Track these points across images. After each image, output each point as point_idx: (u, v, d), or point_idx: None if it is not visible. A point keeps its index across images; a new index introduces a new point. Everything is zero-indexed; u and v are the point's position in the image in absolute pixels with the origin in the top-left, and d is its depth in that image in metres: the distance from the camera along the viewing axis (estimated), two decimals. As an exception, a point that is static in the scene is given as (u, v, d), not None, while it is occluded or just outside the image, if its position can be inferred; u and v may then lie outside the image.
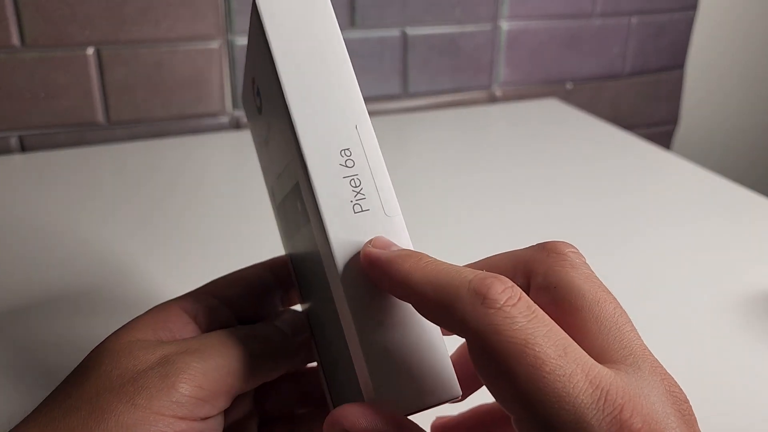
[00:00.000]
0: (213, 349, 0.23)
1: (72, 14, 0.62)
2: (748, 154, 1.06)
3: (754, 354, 0.38)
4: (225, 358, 0.23)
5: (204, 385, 0.22)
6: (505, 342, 0.17)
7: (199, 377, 0.22)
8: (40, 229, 0.50)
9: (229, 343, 0.24)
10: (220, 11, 0.66)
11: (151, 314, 0.25)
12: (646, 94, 0.90)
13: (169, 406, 0.22)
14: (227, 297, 0.27)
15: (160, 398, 0.22)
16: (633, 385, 0.18)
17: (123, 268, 0.45)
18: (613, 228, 0.52)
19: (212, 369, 0.23)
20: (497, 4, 0.77)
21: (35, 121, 0.64)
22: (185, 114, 0.69)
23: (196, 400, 0.22)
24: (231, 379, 0.23)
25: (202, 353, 0.23)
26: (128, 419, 0.21)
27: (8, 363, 0.36)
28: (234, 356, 0.24)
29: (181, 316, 0.26)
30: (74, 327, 0.39)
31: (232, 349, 0.24)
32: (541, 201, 0.56)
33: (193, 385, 0.22)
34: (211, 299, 0.26)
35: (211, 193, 0.57)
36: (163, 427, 0.21)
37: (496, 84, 0.81)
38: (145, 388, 0.22)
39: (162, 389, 0.22)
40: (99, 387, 0.22)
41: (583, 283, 0.20)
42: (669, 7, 0.86)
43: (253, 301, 0.28)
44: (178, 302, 0.26)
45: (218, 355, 0.23)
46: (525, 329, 0.17)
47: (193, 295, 0.26)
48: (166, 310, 0.26)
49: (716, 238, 0.50)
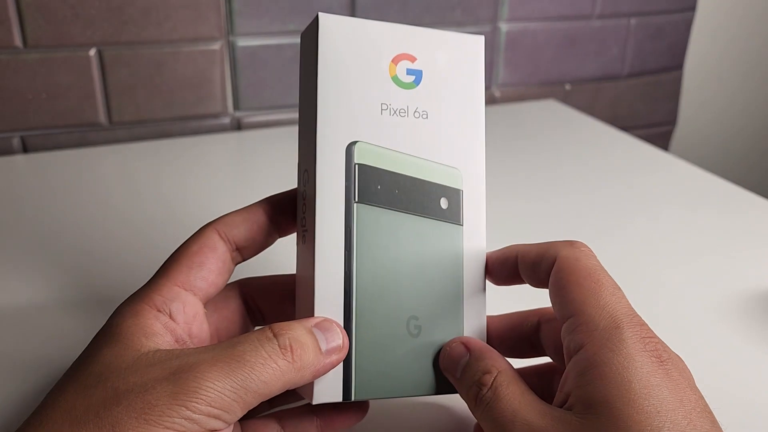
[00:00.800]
0: (224, 364, 0.23)
1: (74, 15, 0.62)
2: (746, 154, 1.06)
3: (753, 354, 0.38)
4: (236, 374, 0.23)
5: (215, 404, 0.22)
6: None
7: (211, 395, 0.22)
8: (41, 229, 0.51)
9: (243, 357, 0.24)
10: (222, 13, 0.67)
11: (149, 301, 0.26)
12: (645, 95, 0.90)
13: (181, 423, 0.22)
14: (228, 235, 0.28)
15: (171, 415, 0.22)
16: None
17: (125, 268, 0.46)
18: (612, 228, 0.52)
19: (226, 388, 0.23)
20: (497, 6, 0.77)
21: (37, 122, 0.65)
22: (187, 115, 0.69)
23: (207, 417, 0.22)
24: (244, 395, 0.23)
25: (214, 368, 0.23)
26: None
27: (9, 363, 0.36)
28: (248, 374, 0.23)
29: (181, 294, 0.26)
30: (75, 327, 0.39)
31: (245, 368, 0.23)
32: (539, 201, 0.56)
33: (205, 404, 0.22)
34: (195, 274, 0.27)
35: (213, 194, 0.57)
36: None
37: (495, 85, 0.81)
38: (155, 405, 0.22)
39: (172, 407, 0.22)
40: (106, 401, 0.22)
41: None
42: (667, 8, 0.86)
43: (252, 236, 0.29)
44: (168, 283, 0.27)
45: (230, 371, 0.23)
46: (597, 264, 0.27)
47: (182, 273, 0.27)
48: (162, 294, 0.26)
49: (714, 238, 0.51)
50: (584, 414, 0.22)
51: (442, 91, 0.29)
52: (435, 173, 0.29)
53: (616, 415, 0.22)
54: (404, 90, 0.29)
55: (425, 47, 0.29)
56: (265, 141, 0.69)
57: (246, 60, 0.69)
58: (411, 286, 0.28)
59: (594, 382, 0.23)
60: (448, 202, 0.29)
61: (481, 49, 0.30)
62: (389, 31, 0.29)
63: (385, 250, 0.28)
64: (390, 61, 0.28)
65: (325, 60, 0.27)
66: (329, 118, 0.27)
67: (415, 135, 0.29)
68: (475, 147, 0.30)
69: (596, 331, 0.24)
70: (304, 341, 0.25)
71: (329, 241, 0.27)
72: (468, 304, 0.29)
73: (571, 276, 0.26)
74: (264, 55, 0.69)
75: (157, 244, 0.48)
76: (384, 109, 0.28)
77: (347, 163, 0.27)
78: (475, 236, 0.29)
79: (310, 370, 0.25)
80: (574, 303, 0.25)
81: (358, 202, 0.27)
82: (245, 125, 0.72)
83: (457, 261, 0.29)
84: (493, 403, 0.25)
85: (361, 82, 0.28)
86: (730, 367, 0.37)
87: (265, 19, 0.68)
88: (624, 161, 0.65)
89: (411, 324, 0.28)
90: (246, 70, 0.69)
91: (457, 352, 0.27)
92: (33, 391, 0.34)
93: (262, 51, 0.69)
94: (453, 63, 0.29)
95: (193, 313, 0.27)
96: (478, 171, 0.30)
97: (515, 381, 0.25)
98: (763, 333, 0.40)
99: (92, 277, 0.44)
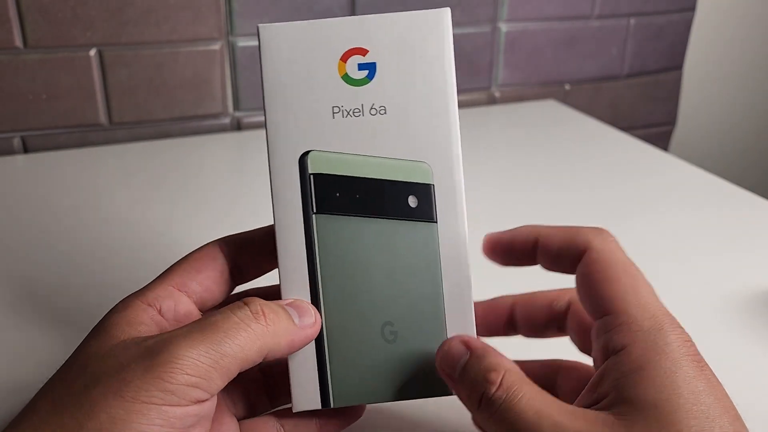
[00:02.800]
0: (197, 333, 0.23)
1: (74, 16, 0.62)
2: (745, 155, 1.06)
3: (754, 354, 0.38)
4: (209, 340, 0.23)
5: (191, 371, 0.22)
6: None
7: (186, 362, 0.22)
8: (42, 229, 0.51)
9: (215, 325, 0.24)
10: (222, 13, 0.67)
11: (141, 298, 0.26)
12: (644, 95, 0.90)
13: (159, 396, 0.22)
14: (230, 251, 0.28)
15: (148, 389, 0.22)
16: None
17: (125, 268, 0.46)
18: (611, 228, 0.52)
19: (201, 354, 0.23)
20: (496, 6, 0.77)
21: (37, 122, 0.65)
22: (187, 115, 0.69)
23: (186, 387, 0.22)
24: (220, 359, 0.23)
25: (186, 339, 0.23)
26: (119, 412, 0.21)
27: (9, 362, 0.36)
28: (222, 338, 0.23)
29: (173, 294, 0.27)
30: (76, 328, 0.39)
31: (218, 333, 0.24)
32: (539, 202, 0.56)
33: (181, 373, 0.22)
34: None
35: (213, 194, 0.57)
36: (156, 415, 0.22)
37: (495, 85, 0.81)
38: (130, 381, 0.22)
39: (147, 380, 0.22)
40: (85, 384, 0.23)
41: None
42: (667, 8, 0.86)
43: (252, 258, 0.29)
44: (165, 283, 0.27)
45: (203, 338, 0.23)
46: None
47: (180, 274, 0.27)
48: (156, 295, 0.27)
49: (714, 238, 0.51)
50: (628, 416, 0.22)
51: (402, 80, 0.27)
52: (399, 171, 0.28)
53: (665, 418, 0.22)
54: (357, 87, 0.27)
55: (377, 36, 0.27)
56: (265, 141, 0.69)
57: (246, 60, 0.69)
58: (383, 292, 0.27)
59: (641, 384, 0.22)
60: (417, 200, 0.28)
61: (446, 23, 0.28)
62: (336, 28, 0.27)
63: (351, 258, 0.27)
64: (338, 59, 0.27)
65: (268, 72, 0.27)
66: (279, 130, 0.27)
67: (374, 133, 0.27)
68: (446, 136, 0.28)
69: (640, 332, 0.24)
70: (275, 309, 0.25)
71: (291, 256, 0.27)
72: (450, 305, 0.28)
73: (608, 271, 0.25)
74: (264, 55, 0.69)
75: (157, 244, 0.49)
76: (336, 112, 0.27)
77: (301, 174, 0.27)
78: (452, 232, 0.28)
79: (285, 338, 0.25)
80: (614, 301, 0.25)
81: (317, 213, 0.27)
82: (245, 125, 0.72)
83: (433, 261, 0.28)
84: (509, 404, 0.23)
85: (309, 88, 0.27)
86: (730, 367, 0.37)
87: (265, 19, 0.68)
88: (623, 161, 0.65)
89: (386, 330, 0.27)
90: (246, 71, 0.70)
91: (456, 351, 0.26)
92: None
93: (262, 51, 0.69)
94: (412, 47, 0.27)
95: (185, 313, 0.27)
96: (451, 162, 0.28)
97: (528, 381, 0.24)
98: (763, 333, 0.40)
99: (92, 277, 0.44)
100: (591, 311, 0.26)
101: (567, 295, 0.30)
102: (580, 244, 0.27)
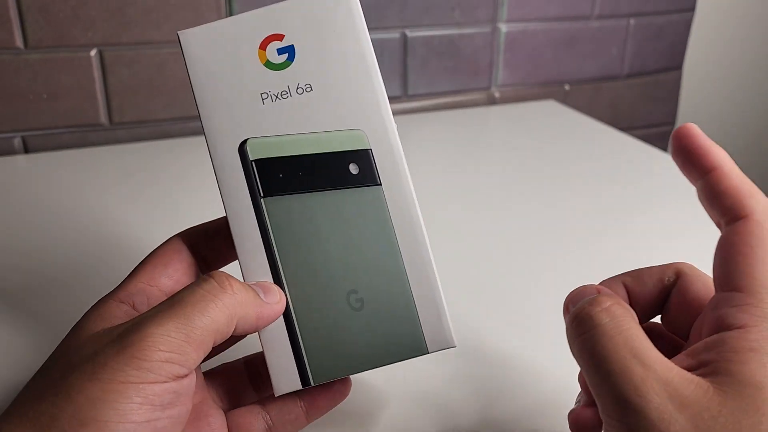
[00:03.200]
0: (166, 310, 0.24)
1: (75, 16, 0.62)
2: (744, 155, 1.06)
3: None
4: (178, 314, 0.24)
5: (164, 347, 0.23)
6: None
7: (157, 339, 0.23)
8: (42, 229, 0.51)
9: (183, 300, 0.24)
10: (222, 13, 0.67)
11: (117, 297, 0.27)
12: (644, 95, 0.90)
13: (135, 374, 0.22)
14: (193, 242, 0.29)
15: (123, 369, 0.22)
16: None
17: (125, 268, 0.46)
18: (611, 228, 0.52)
19: (171, 330, 0.23)
20: (496, 7, 0.77)
21: (38, 122, 0.65)
22: (187, 115, 0.70)
23: (161, 363, 0.22)
24: (191, 332, 0.23)
25: (156, 317, 0.23)
26: (96, 393, 0.22)
27: (9, 362, 0.36)
28: (190, 312, 0.24)
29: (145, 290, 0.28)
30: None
31: (187, 307, 0.24)
32: (539, 202, 0.56)
33: (153, 349, 0.22)
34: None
35: (213, 194, 0.57)
36: (134, 393, 0.22)
37: (494, 86, 0.82)
38: (105, 364, 0.22)
39: (122, 361, 0.22)
40: (63, 374, 0.23)
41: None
42: (667, 8, 0.86)
43: (216, 246, 0.29)
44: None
45: (171, 314, 0.24)
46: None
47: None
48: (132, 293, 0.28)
49: (713, 239, 0.51)
50: (727, 388, 0.22)
51: (321, 57, 0.28)
52: (336, 142, 0.28)
53: (764, 401, 0.22)
54: (280, 71, 0.28)
55: (290, 20, 0.28)
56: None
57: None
58: (342, 262, 0.28)
59: (750, 364, 0.22)
60: (358, 166, 0.28)
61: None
62: (249, 20, 0.28)
63: (305, 234, 0.28)
64: (257, 48, 0.28)
65: (195, 73, 0.28)
66: (214, 124, 0.28)
67: (304, 112, 0.28)
68: (374, 101, 0.29)
69: (764, 318, 0.24)
70: (241, 283, 0.26)
71: (247, 241, 0.28)
72: (410, 263, 0.28)
73: (758, 249, 0.25)
74: (264, 55, 0.70)
75: (157, 244, 0.49)
76: (265, 98, 0.28)
77: (243, 163, 0.28)
78: (398, 192, 0.28)
79: (253, 309, 0.26)
80: (749, 277, 0.25)
81: (264, 197, 0.28)
82: (245, 125, 0.72)
83: (385, 222, 0.28)
84: (608, 332, 0.23)
85: (235, 81, 0.28)
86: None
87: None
88: (623, 161, 0.65)
89: (351, 299, 0.28)
90: (246, 71, 0.70)
91: (589, 290, 0.26)
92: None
93: (263, 51, 0.69)
94: (324, 23, 0.29)
95: None
96: (384, 124, 0.29)
97: (637, 324, 0.24)
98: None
99: (92, 276, 0.44)
100: (721, 280, 0.26)
101: (673, 269, 0.30)
102: (745, 206, 0.27)
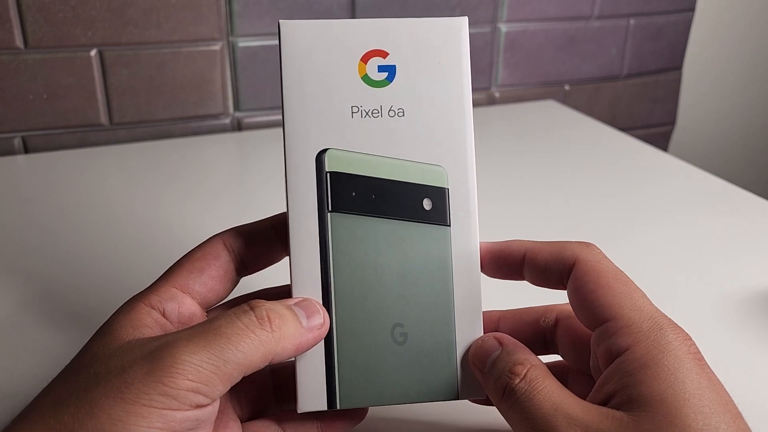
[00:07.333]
0: (200, 338, 0.23)
1: (75, 16, 0.62)
2: (744, 155, 1.06)
3: (753, 354, 0.38)
4: (213, 346, 0.23)
5: (193, 377, 0.22)
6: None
7: (187, 368, 0.22)
8: (42, 229, 0.51)
9: (219, 330, 0.24)
10: (222, 14, 0.67)
11: (144, 300, 0.26)
12: (644, 95, 0.91)
13: (160, 400, 0.22)
14: (234, 246, 0.28)
15: (148, 392, 0.22)
16: None
17: (125, 268, 0.46)
18: (611, 228, 0.52)
19: (203, 360, 0.23)
20: (496, 7, 0.77)
21: (38, 123, 0.65)
22: (187, 115, 0.70)
23: (186, 392, 0.22)
24: (223, 366, 0.23)
25: (190, 343, 0.23)
26: (119, 413, 0.22)
27: (11, 362, 0.36)
28: (225, 344, 0.23)
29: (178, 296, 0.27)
30: (78, 328, 0.39)
31: (221, 339, 0.23)
32: (539, 202, 0.57)
33: (182, 378, 0.22)
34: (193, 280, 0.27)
35: (213, 194, 0.57)
36: (156, 419, 0.22)
37: (494, 86, 0.82)
38: (131, 384, 0.22)
39: (148, 384, 0.22)
40: (87, 385, 0.23)
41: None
42: (666, 9, 0.86)
43: (257, 250, 0.29)
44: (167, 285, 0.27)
45: (206, 343, 0.23)
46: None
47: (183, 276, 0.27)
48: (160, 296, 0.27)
49: (713, 238, 0.51)
50: (637, 412, 0.23)
51: (420, 84, 0.28)
52: (415, 173, 0.28)
53: (673, 413, 0.22)
54: (376, 89, 0.28)
55: (398, 40, 0.28)
56: (266, 141, 0.69)
57: (246, 61, 0.69)
58: (394, 293, 0.27)
59: (646, 381, 0.23)
60: (432, 203, 0.28)
61: (463, 32, 0.28)
62: (357, 29, 0.28)
63: (364, 258, 0.27)
64: (359, 60, 0.28)
65: (289, 68, 0.27)
66: (297, 127, 0.27)
67: (391, 135, 0.28)
68: (462, 141, 0.28)
69: (640, 333, 0.24)
70: (282, 313, 0.25)
71: (304, 253, 0.27)
72: (460, 309, 0.28)
73: (600, 279, 0.26)
74: (264, 55, 0.70)
75: (157, 244, 0.49)
76: (355, 112, 0.27)
77: (318, 172, 0.27)
78: (465, 236, 0.28)
79: (292, 342, 0.25)
80: (610, 307, 0.25)
81: (332, 211, 0.27)
82: (245, 126, 0.72)
83: (445, 264, 0.28)
84: (529, 396, 0.24)
85: (328, 87, 0.27)
86: (730, 367, 0.37)
87: (266, 20, 0.68)
88: (623, 162, 0.65)
89: (396, 332, 0.27)
90: (246, 71, 0.70)
91: (489, 345, 0.27)
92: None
93: (263, 52, 0.69)
94: (431, 52, 0.28)
95: (189, 315, 0.27)
96: (466, 167, 0.28)
97: (550, 376, 0.25)
98: (763, 333, 0.40)
99: (93, 277, 0.44)
100: (587, 321, 0.26)
101: (555, 311, 0.30)
102: (567, 258, 0.27)
